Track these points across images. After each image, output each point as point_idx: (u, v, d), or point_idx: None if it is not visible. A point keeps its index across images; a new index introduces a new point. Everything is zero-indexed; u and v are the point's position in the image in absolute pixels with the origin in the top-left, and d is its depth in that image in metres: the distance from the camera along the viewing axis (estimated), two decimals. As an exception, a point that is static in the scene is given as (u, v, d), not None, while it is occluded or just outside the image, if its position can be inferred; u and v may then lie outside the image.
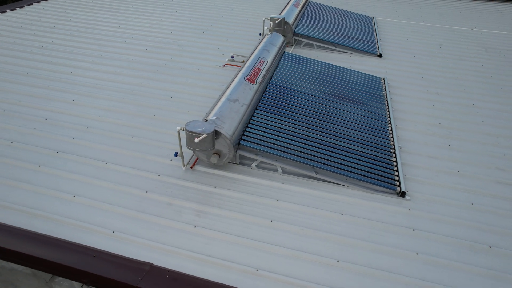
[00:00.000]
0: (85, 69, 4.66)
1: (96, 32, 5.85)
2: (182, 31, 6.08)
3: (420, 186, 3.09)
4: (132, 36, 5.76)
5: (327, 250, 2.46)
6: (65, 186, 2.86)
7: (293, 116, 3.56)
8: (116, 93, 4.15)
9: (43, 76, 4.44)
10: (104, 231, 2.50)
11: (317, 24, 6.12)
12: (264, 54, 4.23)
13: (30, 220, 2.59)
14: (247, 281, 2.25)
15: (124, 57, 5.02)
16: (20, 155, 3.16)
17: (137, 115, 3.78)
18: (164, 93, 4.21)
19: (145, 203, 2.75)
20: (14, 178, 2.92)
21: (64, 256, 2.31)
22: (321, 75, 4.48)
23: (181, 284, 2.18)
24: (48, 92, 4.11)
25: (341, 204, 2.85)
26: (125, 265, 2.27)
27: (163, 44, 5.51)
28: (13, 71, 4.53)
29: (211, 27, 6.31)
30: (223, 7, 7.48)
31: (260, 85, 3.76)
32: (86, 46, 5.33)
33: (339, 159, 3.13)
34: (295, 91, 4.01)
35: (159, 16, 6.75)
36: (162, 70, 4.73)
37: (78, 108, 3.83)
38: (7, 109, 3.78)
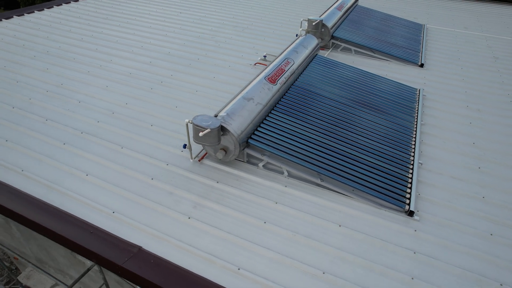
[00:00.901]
0: (124, 58, 4.96)
1: (142, 25, 6.18)
2: (222, 27, 6.21)
3: (434, 207, 2.88)
4: (174, 30, 6.01)
5: (315, 260, 2.39)
6: (81, 164, 3.08)
7: (309, 120, 3.48)
8: (147, 83, 4.36)
9: (86, 63, 4.80)
10: (105, 210, 2.66)
11: (359, 28, 5.91)
12: (292, 55, 4.18)
13: (47, 192, 2.83)
14: (227, 277, 2.26)
15: (162, 50, 5.25)
16: (50, 132, 3.46)
17: (160, 105, 3.94)
18: (191, 87, 4.34)
19: (148, 189, 2.87)
20: (41, 152, 3.21)
21: (66, 229, 2.49)
22: (349, 81, 4.33)
23: (163, 271, 2.25)
24: (87, 77, 4.43)
25: (341, 215, 2.74)
26: (116, 245, 2.39)
27: (201, 40, 5.67)
28: (62, 56, 4.96)
29: (252, 25, 6.37)
30: (268, 6, 7.51)
31: (281, 86, 3.73)
32: (130, 37, 5.66)
33: (349, 169, 3.01)
34: (318, 95, 3.92)
35: (204, 12, 6.96)
36: (194, 64, 4.87)
37: (109, 94, 4.09)
38: (50, 90, 4.15)
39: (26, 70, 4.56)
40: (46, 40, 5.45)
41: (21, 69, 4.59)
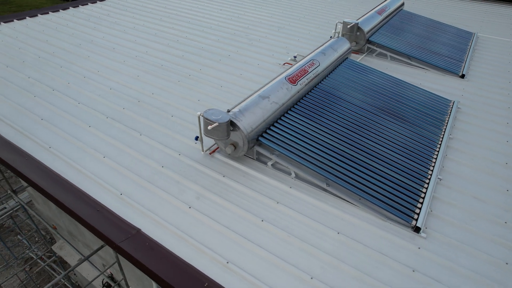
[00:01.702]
0: (159, 50, 5.18)
1: (181, 19, 6.40)
2: (258, 26, 6.25)
3: (446, 226, 2.70)
4: (211, 26, 6.16)
5: (306, 264, 2.35)
6: (101, 147, 3.28)
7: (325, 124, 3.42)
8: (175, 76, 4.52)
9: (124, 53, 5.08)
10: (114, 191, 2.81)
11: (398, 34, 5.66)
12: (319, 57, 4.12)
13: (67, 169, 3.05)
14: (215, 269, 2.30)
15: (196, 44, 5.41)
16: (80, 114, 3.72)
17: (184, 98, 4.07)
18: (217, 82, 4.43)
19: (157, 176, 3.00)
20: (69, 132, 3.46)
21: (76, 204, 2.68)
22: (377, 87, 4.17)
23: (155, 255, 2.34)
24: (121, 67, 4.69)
25: (342, 223, 2.67)
26: (117, 225, 2.53)
27: (235, 37, 5.76)
28: (103, 46, 5.29)
29: (288, 25, 6.35)
30: (309, 7, 7.43)
31: (303, 87, 3.69)
32: (168, 31, 5.89)
33: (357, 176, 2.92)
34: (340, 99, 3.83)
35: (243, 10, 7.05)
36: (224, 60, 4.97)
37: (138, 84, 4.30)
38: (87, 76, 4.45)
39: (70, 57, 4.92)
40: (92, 30, 5.85)
41: (66, 55, 4.97)
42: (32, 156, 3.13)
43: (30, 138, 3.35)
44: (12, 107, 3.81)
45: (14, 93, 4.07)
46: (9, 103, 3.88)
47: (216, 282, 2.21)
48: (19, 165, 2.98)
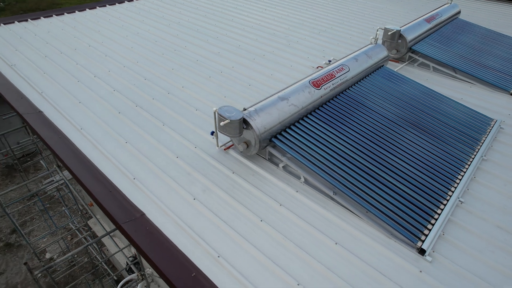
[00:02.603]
0: (197, 46, 5.36)
1: (224, 17, 6.56)
2: (300, 27, 6.21)
3: (457, 253, 2.51)
4: (252, 25, 6.24)
5: (296, 270, 2.33)
6: (125, 133, 3.49)
7: (344, 132, 3.33)
8: (208, 71, 4.66)
9: (165, 46, 5.33)
10: (129, 175, 2.99)
11: (447, 44, 5.30)
12: (350, 62, 4.01)
13: (92, 150, 3.29)
14: (205, 261, 2.36)
15: (233, 42, 5.52)
16: (113, 101, 3.98)
17: (211, 93, 4.19)
18: (246, 80, 4.49)
19: (170, 165, 3.13)
20: (100, 117, 3.73)
21: (93, 184, 2.88)
22: (409, 99, 3.96)
23: (152, 239, 2.46)
24: (159, 59, 4.94)
25: (342, 233, 2.59)
26: (124, 207, 2.69)
27: (274, 37, 5.78)
28: (147, 38, 5.59)
29: (331, 29, 6.23)
30: (356, 12, 7.22)
31: (327, 92, 3.62)
32: (210, 27, 6.07)
33: (367, 188, 2.81)
34: (366, 108, 3.70)
35: (288, 11, 7.04)
36: (258, 60, 5.02)
37: (171, 76, 4.50)
38: (126, 66, 4.75)
39: (116, 47, 5.28)
40: (140, 23, 6.21)
41: (113, 45, 5.34)
42: (65, 135, 3.42)
43: (67, 118, 3.66)
44: (58, 89, 4.19)
45: (62, 76, 4.46)
46: (56, 86, 4.26)
47: (204, 273, 2.27)
48: (53, 143, 3.27)
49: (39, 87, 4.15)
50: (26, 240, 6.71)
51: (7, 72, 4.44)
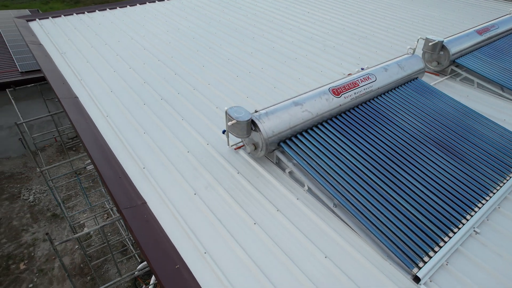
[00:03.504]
0: (232, 45, 5.46)
1: (265, 18, 6.59)
2: (340, 32, 6.06)
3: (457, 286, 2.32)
4: (291, 27, 6.20)
5: (278, 278, 2.30)
6: (145, 124, 3.67)
7: (358, 144, 3.20)
8: (237, 71, 4.73)
9: (201, 43, 5.50)
10: (139, 164, 3.14)
11: (498, 58, 4.86)
12: (378, 72, 3.83)
13: (113, 139, 3.50)
14: (191, 255, 2.42)
15: (268, 43, 5.54)
16: (141, 92, 4.20)
17: (235, 92, 4.25)
18: (273, 82, 4.49)
19: (180, 159, 3.23)
20: (126, 106, 3.95)
21: (105, 169, 3.08)
22: (441, 117, 3.70)
23: (147, 227, 2.57)
24: (193, 55, 5.10)
25: (335, 248, 2.50)
26: (129, 194, 2.84)
27: (310, 41, 5.70)
28: (186, 35, 5.80)
29: (372, 36, 6.00)
30: (404, 19, 6.87)
31: (348, 100, 3.50)
32: (249, 27, 6.14)
33: (371, 205, 2.68)
34: (388, 121, 3.52)
35: (331, 15, 6.89)
36: (289, 63, 4.98)
37: (200, 73, 4.64)
38: (160, 60, 4.97)
39: (155, 41, 5.55)
40: (183, 19, 6.45)
41: (153, 39, 5.62)
42: (92, 121, 3.68)
43: (97, 105, 3.94)
44: (95, 78, 4.51)
45: (101, 66, 4.79)
46: (94, 74, 4.59)
47: (187, 267, 2.33)
48: (79, 126, 3.54)
49: (80, 75, 4.50)
50: (64, 214, 7.31)
51: (57, 59, 4.87)
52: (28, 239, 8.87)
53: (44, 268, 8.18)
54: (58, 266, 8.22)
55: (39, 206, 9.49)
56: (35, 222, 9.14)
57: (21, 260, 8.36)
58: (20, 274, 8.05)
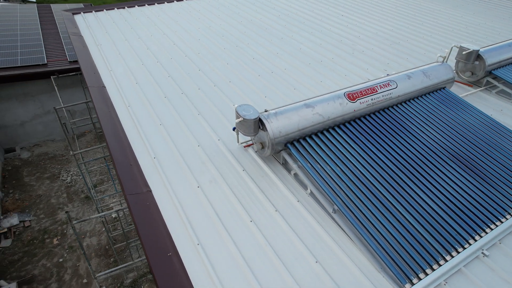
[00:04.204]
0: (259, 44, 5.50)
1: (297, 19, 6.56)
2: (372, 37, 5.89)
3: (453, 308, 2.20)
4: (321, 30, 6.12)
5: (265, 277, 2.31)
6: (163, 116, 3.81)
7: (369, 152, 3.12)
8: (259, 70, 4.77)
9: (229, 41, 5.59)
10: (151, 153, 3.28)
11: (541, 72, 4.49)
12: (400, 79, 3.69)
13: (131, 128, 3.67)
14: (184, 245, 2.49)
15: (296, 45, 5.51)
16: (164, 86, 4.36)
17: (254, 91, 4.29)
18: (293, 84, 4.47)
19: (189, 152, 3.33)
20: (149, 97, 4.12)
21: (119, 155, 3.24)
22: (464, 130, 3.50)
23: (147, 213, 2.68)
24: (219, 53, 5.21)
25: (328, 254, 2.47)
26: (136, 181, 2.97)
27: (339, 44, 5.60)
28: (216, 32, 5.92)
29: (405, 41, 5.77)
30: (445, 26, 6.53)
31: (363, 106, 3.42)
32: (279, 28, 6.14)
33: (371, 214, 2.61)
34: (405, 131, 3.39)
35: (365, 19, 6.71)
36: (313, 65, 4.94)
37: (223, 70, 4.72)
38: (188, 55, 5.12)
39: (185, 37, 5.73)
40: (216, 17, 6.59)
41: (183, 35, 5.80)
42: (114, 109, 3.89)
43: (121, 95, 4.15)
44: (124, 69, 4.75)
45: (131, 58, 5.03)
46: (123, 65, 4.83)
47: (179, 256, 2.41)
48: (101, 114, 3.75)
49: (110, 65, 4.76)
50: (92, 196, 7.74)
51: (93, 50, 5.19)
52: (63, 217, 9.49)
53: (74, 245, 8.71)
54: (86, 245, 8.73)
55: (74, 188, 10.12)
56: (70, 202, 9.76)
57: (55, 236, 8.96)
58: (53, 248, 8.64)
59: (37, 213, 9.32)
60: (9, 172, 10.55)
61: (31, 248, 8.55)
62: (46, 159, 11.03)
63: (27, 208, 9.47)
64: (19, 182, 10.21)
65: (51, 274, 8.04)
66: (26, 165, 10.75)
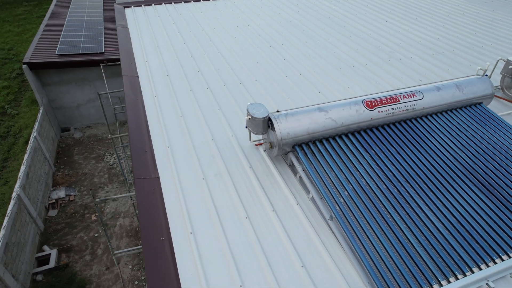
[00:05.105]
0: (293, 45, 5.48)
1: (338, 23, 6.42)
2: (413, 45, 5.61)
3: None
4: (361, 34, 5.95)
5: (248, 274, 2.34)
6: (185, 108, 3.96)
7: (380, 164, 3.00)
8: (287, 70, 4.76)
9: (264, 40, 5.64)
10: (166, 143, 3.44)
11: None
12: (427, 90, 3.49)
13: (153, 117, 3.87)
14: (178, 233, 2.59)
15: (331, 48, 5.42)
16: (192, 80, 4.52)
17: (278, 92, 4.30)
18: (319, 87, 4.42)
19: (204, 145, 3.44)
20: (175, 90, 4.31)
21: (137, 143, 3.44)
22: (494, 150, 3.22)
23: (150, 198, 2.83)
24: (252, 51, 5.28)
25: (316, 260, 2.43)
26: (148, 167, 3.14)
27: (377, 50, 5.41)
28: (253, 31, 6.00)
29: (450, 52, 5.41)
30: (501, 37, 6.01)
31: (382, 116, 3.29)
32: (317, 30, 6.07)
33: (368, 226, 2.52)
34: (425, 147, 3.21)
35: (410, 26, 6.39)
36: (344, 70, 4.82)
37: (252, 69, 4.78)
38: (221, 52, 5.26)
39: (222, 34, 5.88)
40: (256, 16, 6.67)
41: (221, 32, 5.95)
42: (142, 98, 4.12)
43: (151, 85, 4.38)
44: (158, 62, 4.99)
45: (167, 52, 5.28)
46: (159, 58, 5.09)
47: (171, 241, 2.52)
48: (129, 101, 4.00)
49: (147, 57, 5.04)
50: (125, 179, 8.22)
51: (134, 42, 5.52)
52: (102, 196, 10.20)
53: (109, 224, 9.32)
54: (119, 225, 9.31)
55: (115, 170, 10.82)
56: (110, 182, 10.46)
57: (93, 212, 9.65)
58: (90, 223, 9.32)
59: (81, 189, 10.11)
60: (63, 150, 11.55)
61: (72, 220, 9.30)
62: (95, 140, 11.91)
63: (73, 183, 10.31)
64: (70, 159, 11.15)
65: (86, 247, 8.69)
66: (77, 145, 11.70)
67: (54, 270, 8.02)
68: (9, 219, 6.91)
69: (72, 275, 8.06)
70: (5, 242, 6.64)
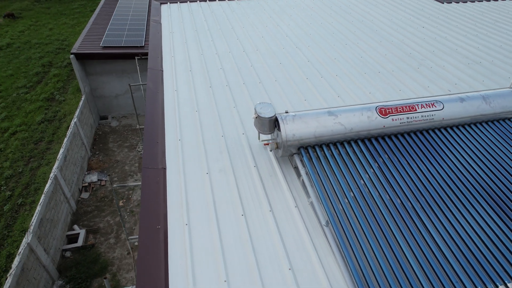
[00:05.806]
0: (320, 47, 5.41)
1: (371, 27, 6.24)
2: (448, 53, 5.32)
3: None
4: (392, 40, 5.74)
5: (235, 270, 2.36)
6: (202, 103, 4.05)
7: (387, 176, 2.89)
8: (309, 73, 4.71)
9: (291, 41, 5.62)
10: (178, 136, 3.54)
11: None
12: (449, 101, 3.31)
13: (169, 109, 4.00)
14: (174, 223, 2.67)
15: (358, 53, 5.28)
16: (213, 76, 4.61)
17: (295, 93, 4.27)
18: (339, 91, 4.33)
19: (213, 141, 3.50)
20: (195, 86, 4.41)
21: (150, 134, 3.57)
22: (518, 168, 2.99)
23: (154, 188, 2.93)
24: (277, 52, 5.27)
25: (305, 265, 2.40)
26: (156, 157, 3.25)
27: (406, 57, 5.19)
28: (281, 32, 5.99)
29: (490, 62, 5.07)
30: (549, 50, 5.55)
31: (396, 124, 3.17)
32: (347, 33, 5.94)
33: (363, 237, 2.45)
34: (439, 160, 3.04)
35: (450, 33, 6.07)
36: (369, 75, 4.69)
37: (274, 69, 4.78)
38: (246, 51, 5.30)
39: (250, 33, 5.92)
40: (287, 17, 6.65)
41: (249, 31, 6.00)
42: (162, 91, 4.27)
43: (173, 79, 4.52)
44: (184, 57, 5.14)
45: (194, 48, 5.41)
46: (186, 54, 5.23)
47: (166, 231, 2.60)
48: (149, 93, 4.16)
49: (174, 52, 5.21)
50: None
51: (165, 37, 5.73)
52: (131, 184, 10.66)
53: (134, 211, 9.72)
54: (144, 212, 9.69)
55: (146, 159, 11.25)
56: (139, 171, 10.89)
57: (121, 198, 10.11)
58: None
59: (112, 175, 10.63)
60: (99, 137, 12.21)
61: (102, 204, 9.80)
62: (129, 130, 12.46)
63: (106, 169, 10.86)
64: (105, 146, 11.75)
65: (112, 230, 9.12)
66: (113, 133, 12.30)
67: (81, 249, 8.49)
68: (45, 197, 7.43)
69: (96, 255, 8.50)
70: (40, 218, 7.15)
